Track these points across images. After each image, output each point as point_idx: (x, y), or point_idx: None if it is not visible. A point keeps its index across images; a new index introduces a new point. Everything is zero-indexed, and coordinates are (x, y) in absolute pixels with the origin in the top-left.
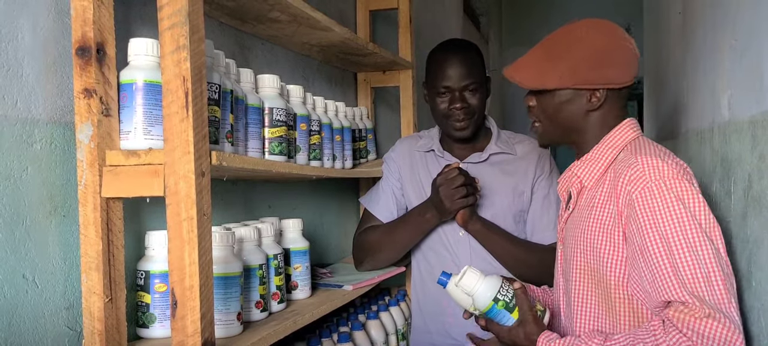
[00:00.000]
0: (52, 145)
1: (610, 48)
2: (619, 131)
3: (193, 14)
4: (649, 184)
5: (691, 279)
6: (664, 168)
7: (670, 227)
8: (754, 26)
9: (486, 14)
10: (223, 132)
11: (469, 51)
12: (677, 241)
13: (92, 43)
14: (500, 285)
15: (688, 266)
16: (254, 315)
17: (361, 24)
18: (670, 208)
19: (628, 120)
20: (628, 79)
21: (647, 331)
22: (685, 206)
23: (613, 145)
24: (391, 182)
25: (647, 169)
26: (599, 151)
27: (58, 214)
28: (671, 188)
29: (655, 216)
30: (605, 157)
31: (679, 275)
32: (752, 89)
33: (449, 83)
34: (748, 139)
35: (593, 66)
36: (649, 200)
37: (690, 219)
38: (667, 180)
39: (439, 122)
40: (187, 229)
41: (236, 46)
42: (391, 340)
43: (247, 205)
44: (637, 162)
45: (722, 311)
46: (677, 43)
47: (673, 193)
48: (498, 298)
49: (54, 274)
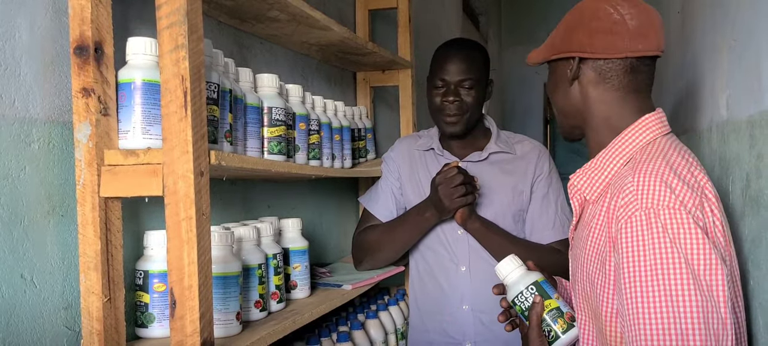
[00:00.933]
0: (50, 145)
1: (586, 14)
2: (631, 133)
3: (191, 13)
4: (638, 212)
5: (661, 338)
6: (660, 193)
7: (650, 269)
8: (753, 26)
9: (485, 13)
10: (222, 131)
11: (473, 50)
12: (654, 288)
13: (90, 42)
14: (521, 291)
15: (660, 321)
16: (253, 315)
17: (360, 23)
18: (655, 245)
19: (649, 116)
20: (608, 50)
21: None
22: (674, 245)
23: (621, 152)
24: (391, 182)
25: (640, 192)
26: (604, 159)
27: (56, 213)
28: (663, 220)
29: (637, 253)
30: (609, 168)
31: (649, 329)
32: (751, 89)
33: (446, 76)
34: (746, 138)
35: (566, 33)
36: (633, 231)
37: (677, 262)
38: (661, 210)
39: (432, 116)
40: (186, 229)
41: (235, 45)
42: (391, 339)
43: (246, 204)
44: (632, 182)
45: None
46: (676, 43)
47: (661, 226)
48: (515, 302)
49: (52, 274)
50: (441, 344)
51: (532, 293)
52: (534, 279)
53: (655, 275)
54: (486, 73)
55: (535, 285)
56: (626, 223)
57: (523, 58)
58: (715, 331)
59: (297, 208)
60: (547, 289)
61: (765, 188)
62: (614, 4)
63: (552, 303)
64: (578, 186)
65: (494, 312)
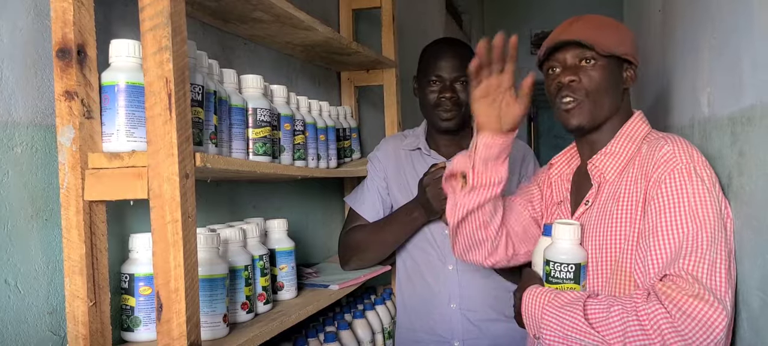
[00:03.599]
0: (33, 149)
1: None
2: (634, 124)
3: (175, 15)
4: (680, 166)
5: (697, 259)
6: (694, 154)
7: (694, 208)
8: (733, 24)
9: (468, 12)
10: (207, 133)
11: (465, 48)
12: (697, 222)
13: (73, 45)
14: (563, 264)
15: (699, 247)
16: (240, 316)
17: (344, 23)
18: (698, 191)
19: (640, 113)
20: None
21: (629, 297)
22: (711, 193)
23: (632, 137)
24: (377, 181)
25: (678, 152)
26: (619, 143)
27: (40, 218)
28: (701, 173)
29: (682, 196)
30: (625, 151)
31: (687, 251)
32: (731, 86)
33: (441, 73)
34: (727, 135)
35: (633, 44)
36: (678, 180)
37: (714, 207)
38: (698, 166)
39: (427, 113)
40: (172, 231)
41: (219, 46)
42: (378, 339)
43: (232, 206)
44: (668, 145)
45: (716, 296)
46: (657, 40)
47: (700, 179)
48: (550, 261)
49: (37, 278)
50: (429, 342)
51: (569, 273)
52: (578, 261)
53: (697, 212)
54: None
55: (575, 266)
56: (669, 175)
57: None
58: (732, 267)
59: (283, 208)
60: (582, 274)
61: (746, 185)
62: None
63: (576, 289)
64: (599, 167)
65: (482, 310)
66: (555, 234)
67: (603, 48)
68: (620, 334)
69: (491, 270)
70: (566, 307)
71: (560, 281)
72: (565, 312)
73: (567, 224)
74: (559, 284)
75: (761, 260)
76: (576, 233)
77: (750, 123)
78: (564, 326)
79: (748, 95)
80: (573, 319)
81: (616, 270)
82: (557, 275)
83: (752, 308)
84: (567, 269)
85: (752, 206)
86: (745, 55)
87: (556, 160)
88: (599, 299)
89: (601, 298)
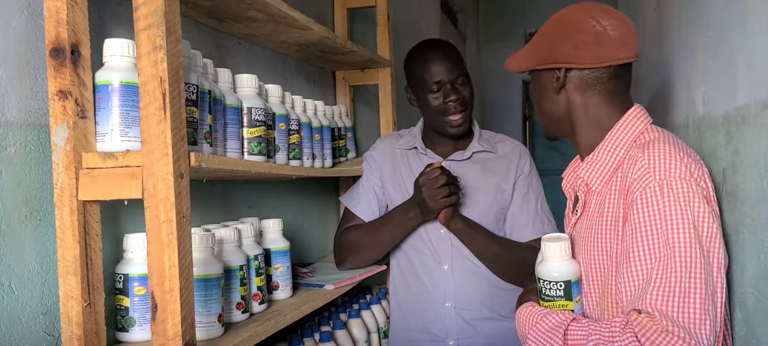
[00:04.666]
0: (26, 148)
1: (569, 27)
2: (624, 125)
3: (169, 14)
4: (652, 183)
5: (666, 293)
6: (671, 166)
7: (665, 231)
8: (727, 22)
9: (463, 11)
10: (202, 133)
11: (449, 46)
12: (668, 247)
13: (66, 44)
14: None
15: (669, 278)
16: (235, 316)
17: (339, 22)
18: (669, 211)
19: (634, 109)
20: (594, 60)
21: (608, 325)
22: (684, 212)
23: (620, 142)
24: (373, 181)
25: (653, 166)
26: (605, 150)
27: (33, 218)
28: (675, 189)
29: (654, 217)
30: (613, 157)
31: (656, 284)
32: (726, 85)
33: (440, 77)
34: (722, 134)
35: (551, 44)
36: (649, 199)
37: (687, 227)
38: (673, 181)
39: (434, 120)
40: (167, 231)
41: (213, 45)
42: (373, 338)
43: (227, 205)
44: (643, 158)
45: (688, 331)
46: (652, 39)
47: (673, 195)
48: (541, 279)
49: (30, 279)
50: (423, 341)
51: (559, 290)
52: (567, 278)
53: (665, 237)
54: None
55: (564, 283)
56: (641, 193)
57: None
58: (712, 291)
59: (278, 208)
60: (574, 290)
61: (741, 183)
62: (595, 16)
63: (569, 305)
64: (584, 177)
65: (477, 309)
66: (543, 251)
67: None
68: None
69: (486, 269)
70: (548, 332)
71: (551, 299)
72: (546, 338)
73: (555, 240)
74: (551, 301)
75: (756, 259)
76: (564, 249)
77: (744, 122)
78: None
79: (743, 94)
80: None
81: (604, 292)
82: (548, 292)
83: (747, 306)
84: (557, 287)
85: (746, 204)
86: (739, 54)
87: (565, 173)
88: (582, 323)
89: (584, 322)
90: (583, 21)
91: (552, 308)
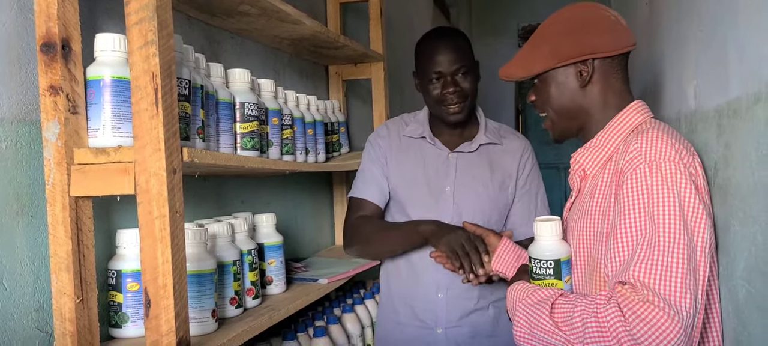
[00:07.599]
0: (17, 144)
1: (587, 19)
2: (625, 115)
3: (161, 9)
4: (642, 165)
5: (649, 266)
6: (662, 149)
7: (651, 209)
8: (719, 16)
9: (456, 5)
10: (194, 128)
11: (457, 37)
12: (652, 224)
13: (57, 39)
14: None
15: (652, 252)
16: (229, 312)
17: (332, 16)
18: (656, 191)
19: (636, 103)
20: (615, 47)
21: (593, 299)
22: (671, 192)
23: (619, 130)
24: (380, 164)
25: (645, 148)
26: (603, 137)
27: (25, 214)
28: (663, 170)
29: (641, 195)
30: (609, 144)
31: (640, 257)
32: (717, 79)
33: (440, 69)
34: (713, 128)
35: (573, 39)
36: (639, 179)
37: (673, 206)
38: (662, 162)
39: (433, 108)
40: (160, 227)
41: (205, 40)
42: (367, 333)
43: (220, 200)
44: (636, 142)
45: (669, 302)
46: (644, 33)
47: (662, 176)
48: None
49: (23, 275)
50: (411, 326)
51: (549, 269)
52: (557, 257)
53: (651, 215)
54: (473, 56)
55: (554, 262)
56: (632, 174)
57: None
58: (694, 268)
59: (271, 203)
60: (563, 269)
61: (732, 177)
62: (602, 7)
63: (558, 284)
64: (580, 162)
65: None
66: (535, 231)
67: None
68: (580, 335)
69: None
70: (536, 305)
71: (541, 277)
72: (533, 310)
73: (546, 220)
74: (541, 280)
75: (747, 252)
76: (555, 229)
77: (736, 115)
78: (532, 325)
79: (734, 88)
80: (540, 318)
81: (592, 271)
82: (538, 271)
83: (738, 299)
84: (546, 265)
85: (738, 197)
86: (731, 48)
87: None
88: (568, 298)
89: (570, 296)
90: (598, 12)
91: (542, 286)
